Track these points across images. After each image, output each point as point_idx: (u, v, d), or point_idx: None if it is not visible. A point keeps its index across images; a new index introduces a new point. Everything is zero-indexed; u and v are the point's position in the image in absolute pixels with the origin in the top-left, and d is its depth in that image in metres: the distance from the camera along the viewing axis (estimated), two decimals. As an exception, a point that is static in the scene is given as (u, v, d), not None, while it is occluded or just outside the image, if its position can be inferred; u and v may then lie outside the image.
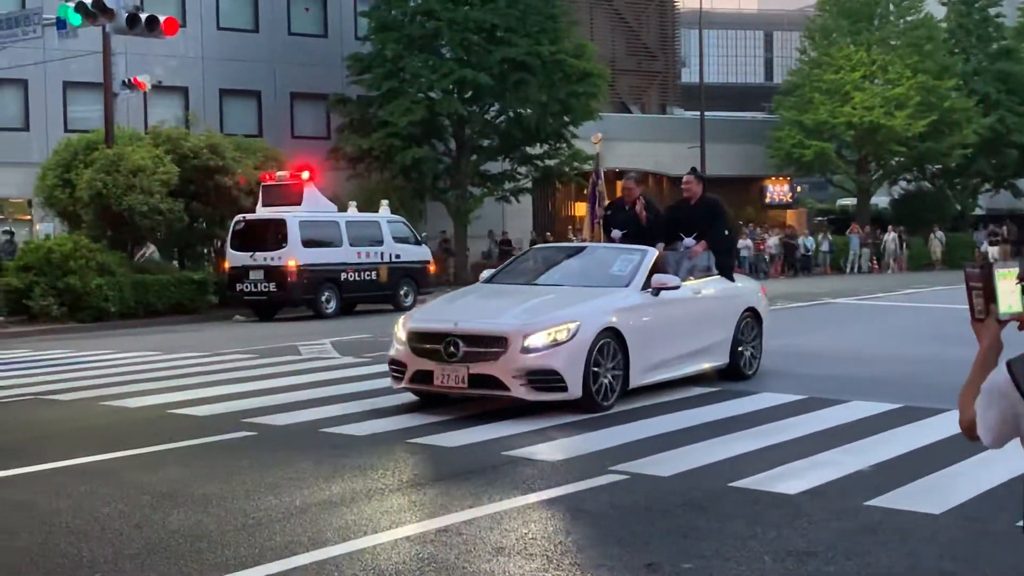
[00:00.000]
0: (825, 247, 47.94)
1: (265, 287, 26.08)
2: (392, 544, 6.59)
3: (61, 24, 23.35)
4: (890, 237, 48.96)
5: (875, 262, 48.93)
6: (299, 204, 26.60)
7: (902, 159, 50.86)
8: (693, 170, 14.31)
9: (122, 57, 30.60)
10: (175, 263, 29.85)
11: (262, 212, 26.94)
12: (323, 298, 26.48)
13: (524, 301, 11.54)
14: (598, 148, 15.72)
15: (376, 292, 27.66)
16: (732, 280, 13.64)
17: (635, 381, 11.46)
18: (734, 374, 13.18)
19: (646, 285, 11.96)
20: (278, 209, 26.53)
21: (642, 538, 6.68)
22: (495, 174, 40.58)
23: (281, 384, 13.75)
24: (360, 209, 29.23)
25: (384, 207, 29.76)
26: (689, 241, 13.49)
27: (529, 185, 41.59)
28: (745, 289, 14.03)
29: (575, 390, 10.69)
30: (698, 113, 48.53)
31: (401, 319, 11.71)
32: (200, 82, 40.42)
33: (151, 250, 30.62)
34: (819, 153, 48.51)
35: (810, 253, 47.53)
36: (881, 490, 7.74)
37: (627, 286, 11.94)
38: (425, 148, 38.50)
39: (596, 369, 10.85)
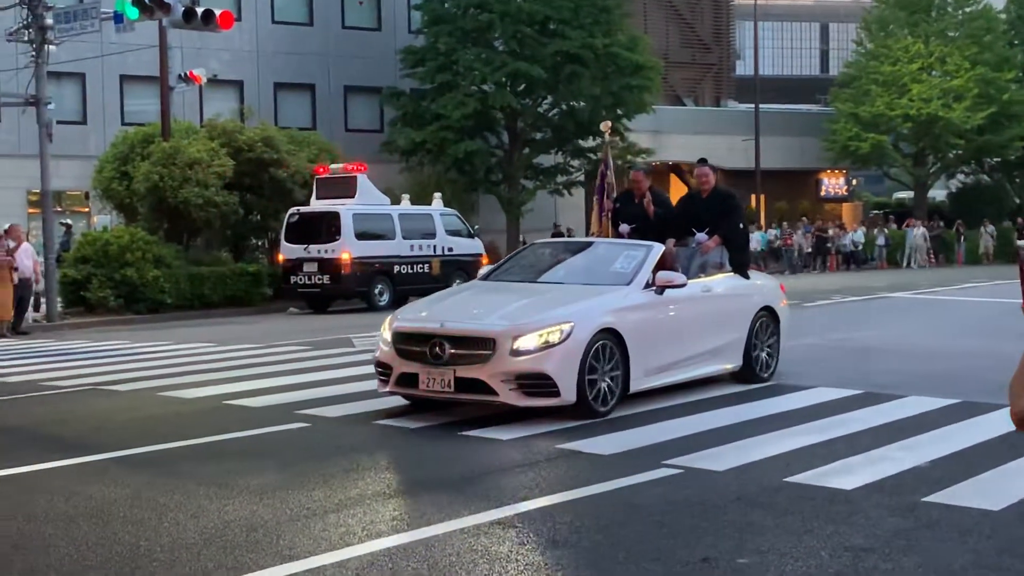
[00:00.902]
0: (881, 241, 47.34)
1: (319, 279, 26.23)
2: (446, 536, 6.59)
3: (118, 18, 23.57)
4: (918, 232, 47.65)
5: (932, 256, 48.35)
6: (353, 197, 26.72)
7: (960, 152, 50.26)
8: (703, 161, 13.48)
9: (178, 51, 30.86)
10: (224, 254, 30.04)
11: (316, 205, 27.09)
12: (376, 290, 26.59)
13: (516, 300, 10.94)
14: (607, 136, 15.06)
15: (429, 284, 27.60)
16: (746, 277, 12.86)
17: (636, 385, 10.79)
18: (748, 377, 12.41)
19: (650, 283, 11.24)
20: (332, 202, 26.66)
21: (696, 533, 6.63)
22: (547, 167, 40.53)
23: (334, 376, 13.81)
24: (413, 202, 29.32)
25: (437, 200, 29.82)
26: (701, 236, 12.69)
27: (582, 178, 41.50)
28: (761, 287, 13.17)
29: (568, 395, 10.03)
30: (752, 106, 48.22)
31: (388, 318, 11.15)
32: (255, 76, 40.69)
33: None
34: (876, 146, 48.04)
35: (857, 248, 46.60)
36: (939, 486, 7.64)
37: (629, 284, 11.21)
38: (478, 141, 38.54)
39: (592, 373, 10.21)
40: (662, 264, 11.64)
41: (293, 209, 27.23)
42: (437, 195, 30.48)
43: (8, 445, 9.91)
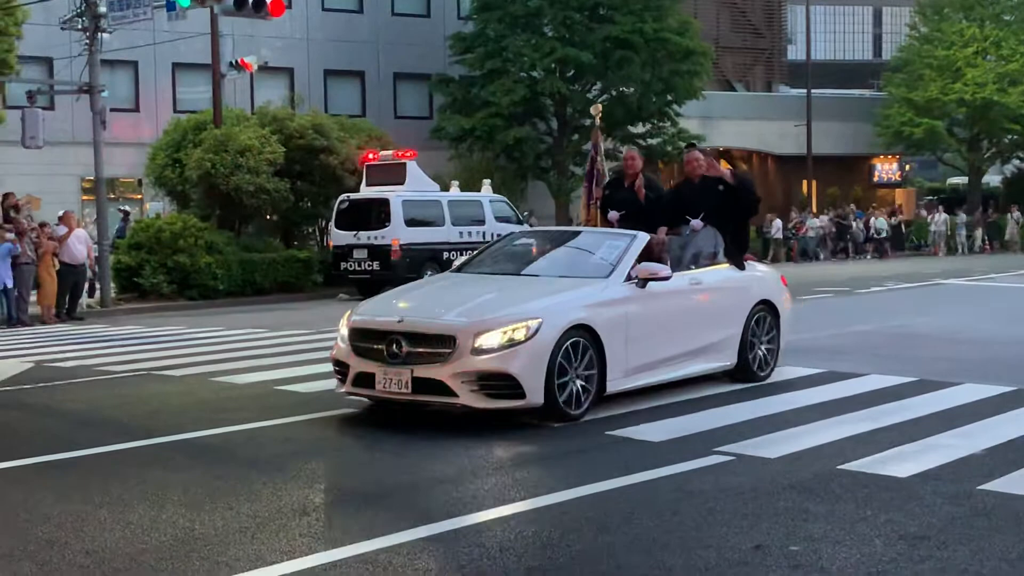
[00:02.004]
0: (935, 227, 46.71)
1: (369, 266, 26.33)
2: (497, 522, 6.61)
3: (171, 6, 23.73)
4: (940, 218, 46.72)
5: (988, 242, 47.73)
6: (402, 183, 26.77)
7: (1015, 137, 49.54)
8: (692, 145, 12.78)
9: (229, 38, 31.03)
10: (275, 241, 30.23)
11: (366, 192, 27.17)
12: (426, 276, 26.62)
13: (483, 294, 10.17)
14: (597, 120, 14.07)
15: (478, 271, 27.71)
16: (742, 268, 11.91)
17: (614, 386, 10.00)
18: (744, 376, 11.58)
19: (632, 275, 10.44)
20: (382, 189, 26.73)
21: (749, 519, 6.60)
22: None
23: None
24: (462, 188, 29.33)
25: (486, 186, 29.81)
26: (696, 223, 11.81)
27: (631, 164, 41.30)
28: (758, 279, 12.17)
29: (534, 397, 9.26)
30: (804, 91, 47.82)
31: (347, 312, 10.45)
32: (305, 63, 40.86)
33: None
34: (929, 131, 47.49)
35: (882, 235, 45.28)
36: (994, 474, 7.56)
37: (607, 277, 10.41)
38: (527, 127, 38.49)
39: (563, 373, 9.42)
40: (648, 254, 10.96)
41: (343, 196, 27.33)
42: (487, 182, 30.47)
43: (64, 429, 10.04)
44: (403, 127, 38.70)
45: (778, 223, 42.76)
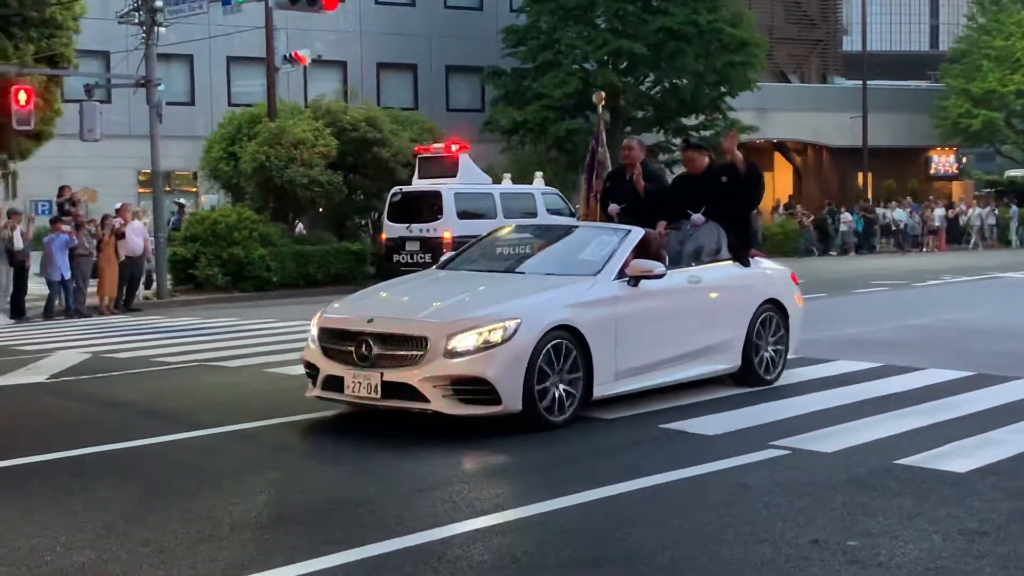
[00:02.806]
0: (992, 220, 46.02)
1: (421, 258, 26.34)
2: (551, 515, 6.59)
3: (226, 0, 23.91)
4: (975, 212, 45.37)
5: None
6: (454, 176, 26.79)
7: (1075, 128, 48.86)
8: (686, 142, 12.22)
9: (283, 32, 31.20)
10: (328, 233, 30.37)
11: (418, 184, 27.21)
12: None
13: (460, 293, 9.69)
14: (600, 108, 13.39)
15: (529, 263, 27.66)
16: (746, 265, 11.20)
17: (601, 391, 9.40)
18: (749, 379, 10.89)
19: (623, 273, 9.81)
20: (434, 181, 26.76)
21: (806, 514, 6.54)
22: (649, 145, 40.21)
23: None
24: (514, 181, 29.31)
25: (538, 179, 29.76)
26: (697, 217, 11.14)
27: (684, 156, 41.13)
28: (764, 276, 11.45)
29: (511, 403, 8.70)
30: (860, 82, 47.36)
31: (319, 312, 9.96)
32: (358, 56, 41.04)
33: (298, 227, 31.27)
34: (987, 122, 46.92)
35: (905, 227, 43.86)
36: (1056, 470, 7.45)
37: (596, 274, 9.78)
38: (579, 120, 38.41)
39: (543, 377, 8.86)
40: (645, 250, 10.31)
41: (396, 188, 27.39)
42: (539, 174, 30.41)
43: (122, 420, 10.14)
44: (455, 120, 38.74)
45: (848, 215, 42.26)
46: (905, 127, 50.71)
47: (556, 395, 8.99)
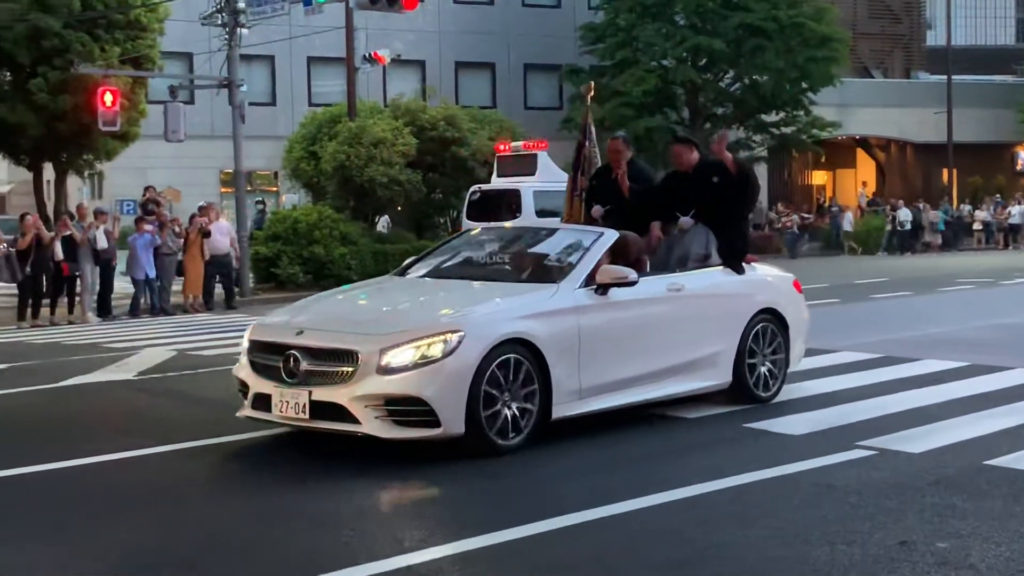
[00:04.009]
0: (1014, 219, 44.25)
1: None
2: (632, 515, 6.57)
3: (307, 1, 24.14)
4: (1018, 210, 43.00)
5: None
6: (533, 174, 26.77)
7: None
8: (675, 136, 11.12)
9: (363, 32, 31.48)
10: (398, 232, 30.52)
11: (497, 183, 27.23)
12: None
13: (404, 301, 9.03)
14: (588, 100, 12.18)
15: (609, 261, 27.55)
16: (740, 271, 10.14)
17: (563, 411, 8.45)
18: (741, 396, 9.87)
19: (592, 280, 8.87)
20: (512, 180, 26.75)
21: (893, 515, 6.45)
22: (729, 143, 39.88)
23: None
24: (593, 179, 29.20)
25: (617, 177, 29.64)
26: (686, 220, 10.15)
27: (764, 154, 40.78)
28: (760, 283, 10.40)
29: (452, 425, 7.78)
30: (944, 77, 46.60)
31: (255, 322, 9.29)
32: (437, 55, 41.22)
33: (381, 222, 31.45)
34: (1076, 117, 45.90)
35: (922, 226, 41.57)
36: None
37: (558, 282, 8.86)
38: (657, 117, 38.24)
39: (492, 396, 7.94)
40: (624, 255, 9.48)
41: (475, 187, 27.43)
42: (617, 172, 30.28)
43: (206, 416, 10.25)
44: (533, 118, 38.76)
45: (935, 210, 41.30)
46: (991, 122, 49.78)
47: (507, 416, 8.04)
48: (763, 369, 10.04)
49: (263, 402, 8.28)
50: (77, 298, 20.43)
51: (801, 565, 5.66)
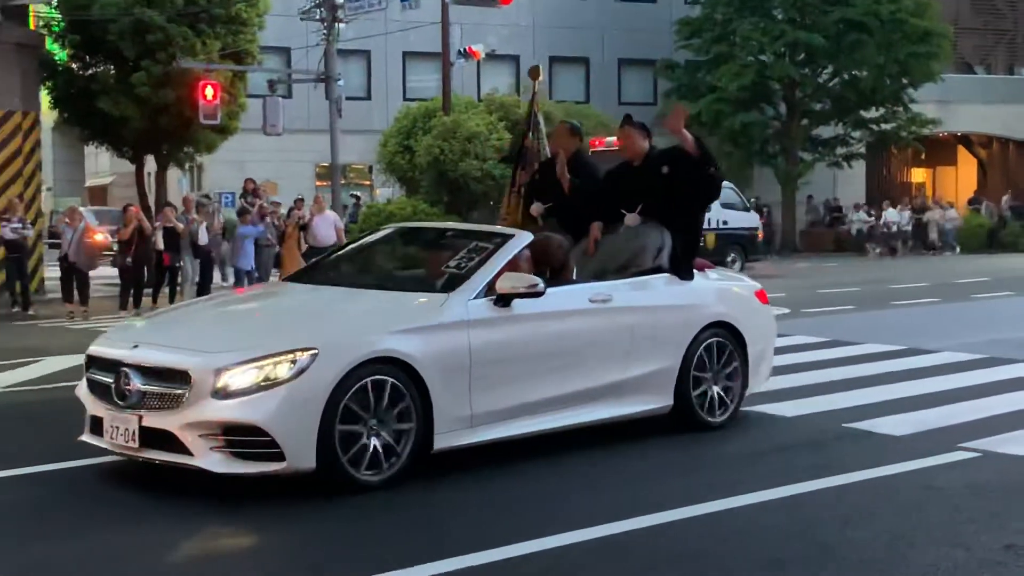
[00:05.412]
0: None
1: (593, 251, 26.36)
2: (733, 512, 6.52)
3: (404, -4, 24.35)
4: None
5: None
6: (627, 169, 26.68)
7: None
8: (627, 118, 9.31)
9: (457, 27, 31.56)
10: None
11: (591, 177, 27.19)
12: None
13: (265, 312, 8.10)
14: (535, 85, 10.90)
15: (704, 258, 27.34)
16: (688, 278, 8.80)
17: (447, 440, 7.27)
18: (685, 421, 8.61)
19: (491, 290, 7.60)
20: (607, 174, 26.69)
21: (999, 518, 6.33)
22: (827, 139, 39.42)
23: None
24: (688, 175, 29.03)
25: (712, 172, 29.42)
26: (632, 218, 8.75)
27: (863, 150, 40.17)
28: (711, 293, 9.06)
29: (299, 459, 6.68)
30: (1049, 73, 45.50)
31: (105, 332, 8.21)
32: (531, 50, 41.19)
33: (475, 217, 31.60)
34: None
35: (893, 229, 38.61)
36: None
37: (448, 292, 7.61)
38: (753, 113, 37.84)
39: (352, 424, 6.84)
40: (549, 261, 8.41)
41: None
42: (712, 168, 30.04)
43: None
44: (627, 113, 38.58)
45: None
46: (1099, 119, 48.49)
47: (374, 448, 6.91)
48: (714, 390, 8.74)
49: (97, 426, 7.28)
50: (178, 288, 20.81)
51: (904, 567, 5.58)
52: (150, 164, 30.25)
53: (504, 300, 7.56)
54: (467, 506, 6.77)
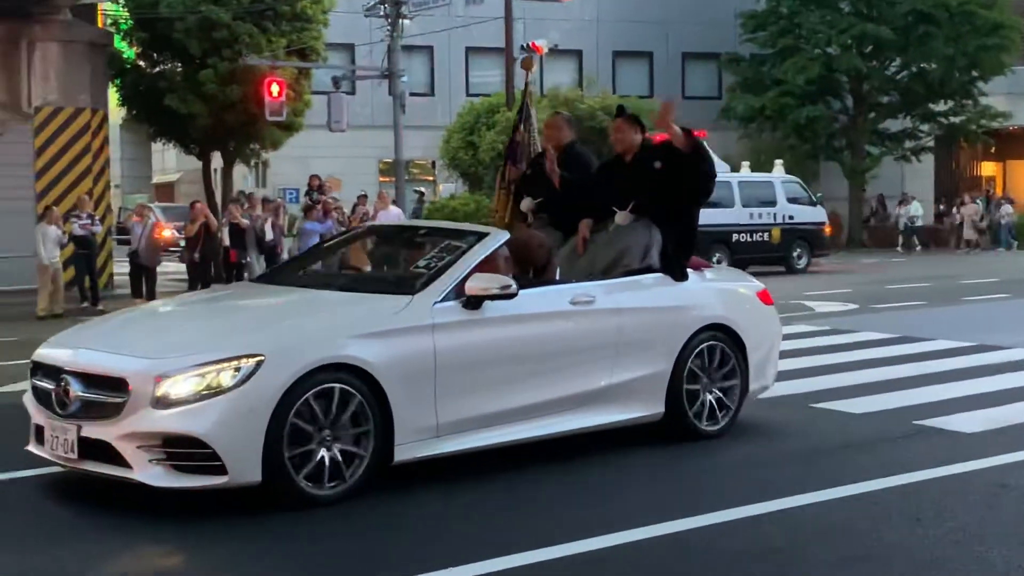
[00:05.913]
0: None
1: (658, 248, 26.22)
2: (802, 509, 6.44)
3: (467, -8, 24.39)
4: None
5: None
6: (692, 164, 26.53)
7: None
8: (621, 109, 8.89)
9: (521, 22, 31.59)
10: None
11: (655, 173, 27.08)
12: (714, 259, 26.32)
13: (214, 315, 7.58)
14: (528, 75, 10.59)
15: (768, 254, 27.19)
16: (681, 278, 8.32)
17: (410, 451, 6.84)
18: (679, 430, 8.12)
19: (461, 291, 7.14)
20: (671, 169, 26.56)
21: (1075, 518, 6.20)
22: (894, 132, 38.95)
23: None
24: (752, 170, 28.86)
25: (778, 167, 29.22)
26: (622, 215, 8.36)
27: (931, 144, 39.63)
28: (707, 294, 8.58)
29: (242, 472, 6.30)
30: (1124, 64, 44.57)
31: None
32: (594, 44, 41.14)
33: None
34: None
35: (913, 223, 37.47)
36: None
37: (413, 293, 7.12)
38: (819, 106, 37.49)
39: (302, 436, 6.44)
40: (530, 261, 7.99)
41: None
42: (778, 162, 29.85)
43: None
44: (691, 107, 38.35)
45: None
46: None
47: (326, 459, 6.53)
48: (709, 397, 8.26)
49: (41, 435, 6.93)
50: (244, 284, 20.99)
51: (975, 566, 5.48)
52: (216, 161, 30.59)
53: (474, 302, 7.11)
54: (430, 520, 6.36)
